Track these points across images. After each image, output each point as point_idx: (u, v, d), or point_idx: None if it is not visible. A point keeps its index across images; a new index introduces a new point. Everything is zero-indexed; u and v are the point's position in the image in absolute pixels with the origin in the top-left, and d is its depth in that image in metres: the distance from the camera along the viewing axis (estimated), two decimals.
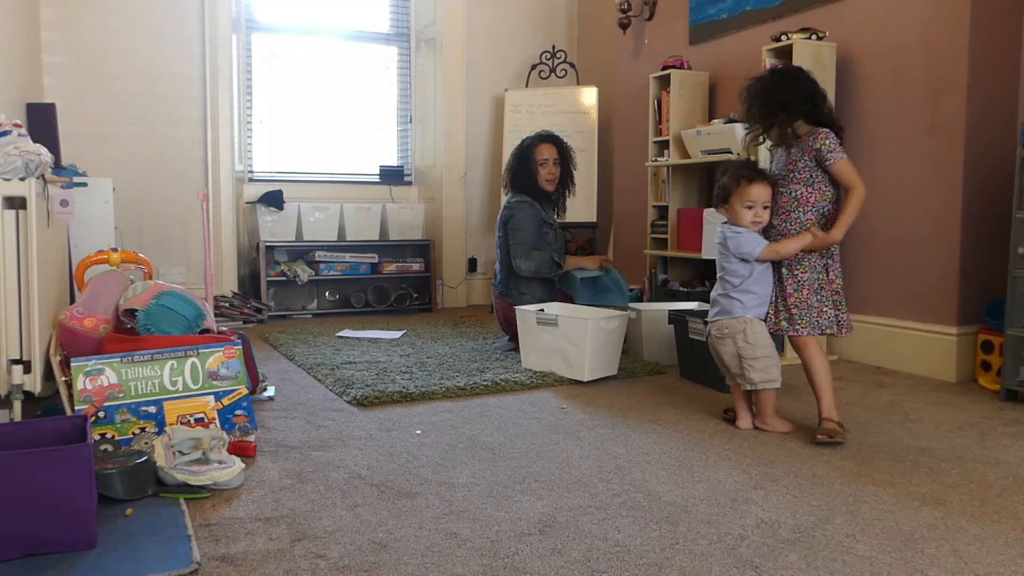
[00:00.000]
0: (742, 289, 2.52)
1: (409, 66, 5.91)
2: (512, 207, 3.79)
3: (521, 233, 3.72)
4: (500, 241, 3.83)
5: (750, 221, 2.50)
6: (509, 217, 3.77)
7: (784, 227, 2.53)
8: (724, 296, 2.57)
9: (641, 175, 4.96)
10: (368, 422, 2.61)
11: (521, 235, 3.72)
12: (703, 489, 2.00)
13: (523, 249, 3.71)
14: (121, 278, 2.65)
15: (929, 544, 1.69)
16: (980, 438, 2.48)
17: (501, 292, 3.83)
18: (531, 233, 3.73)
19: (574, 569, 1.56)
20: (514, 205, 3.79)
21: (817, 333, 2.50)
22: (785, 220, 2.53)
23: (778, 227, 2.54)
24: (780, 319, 2.53)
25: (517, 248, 3.71)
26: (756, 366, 2.50)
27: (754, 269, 2.51)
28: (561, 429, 2.54)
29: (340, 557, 1.61)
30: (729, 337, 2.53)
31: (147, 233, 4.89)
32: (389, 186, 5.82)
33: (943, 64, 3.32)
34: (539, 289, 3.74)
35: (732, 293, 2.54)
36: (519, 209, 3.77)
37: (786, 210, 2.53)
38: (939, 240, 3.35)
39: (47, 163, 2.34)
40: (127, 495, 1.87)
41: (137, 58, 4.84)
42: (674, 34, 4.88)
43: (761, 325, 2.53)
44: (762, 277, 2.53)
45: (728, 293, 2.56)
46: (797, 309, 2.50)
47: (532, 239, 3.73)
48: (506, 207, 3.82)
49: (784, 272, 2.52)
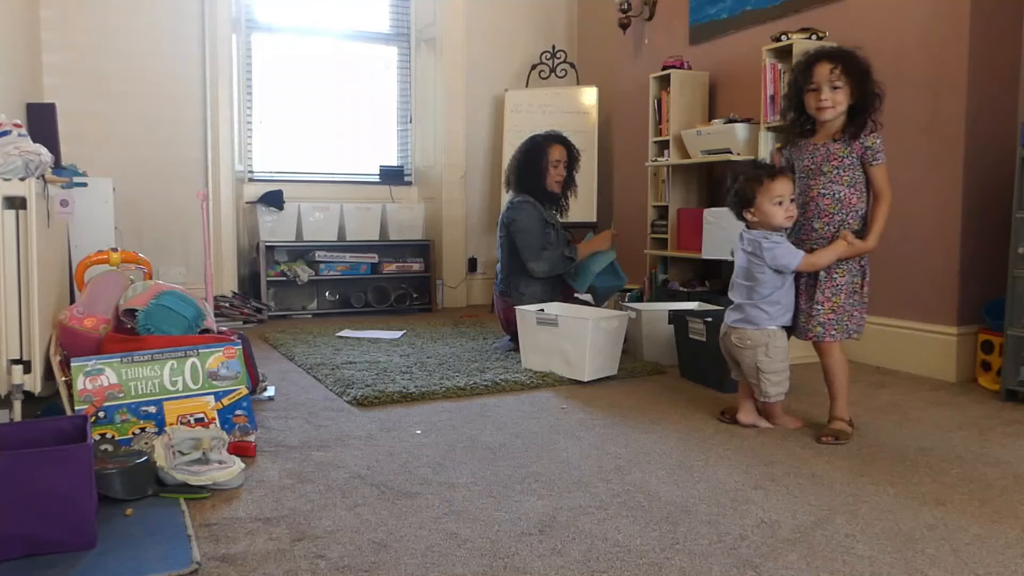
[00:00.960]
0: (771, 300, 2.47)
1: (409, 66, 5.92)
2: (515, 208, 3.75)
3: (528, 235, 3.69)
4: (502, 241, 3.81)
5: (784, 217, 2.44)
6: (512, 219, 3.73)
7: (827, 231, 2.46)
8: (751, 305, 2.50)
9: (641, 175, 4.96)
10: (368, 422, 2.61)
11: (528, 237, 3.69)
12: (703, 489, 2.00)
13: (534, 251, 3.68)
14: (121, 278, 2.65)
15: (929, 544, 1.69)
16: (980, 438, 2.48)
17: (502, 291, 3.83)
18: (537, 234, 3.71)
19: (574, 569, 1.56)
20: (517, 206, 3.75)
21: (845, 338, 2.48)
22: (828, 223, 2.46)
23: (820, 231, 2.47)
24: (814, 325, 2.47)
25: (528, 252, 3.68)
26: (773, 380, 2.48)
27: (786, 280, 2.48)
28: (561, 429, 2.54)
29: (340, 557, 1.61)
30: (751, 349, 2.50)
31: (147, 233, 4.89)
32: (389, 186, 5.83)
33: (943, 64, 3.31)
34: (539, 289, 3.73)
35: (761, 304, 2.48)
36: (522, 210, 3.74)
37: (829, 213, 2.45)
38: (939, 240, 3.35)
39: (47, 163, 2.34)
40: (127, 495, 1.87)
41: (137, 58, 4.84)
42: (674, 34, 4.88)
43: (783, 337, 2.51)
44: (791, 287, 2.51)
45: (757, 303, 2.49)
46: (834, 315, 2.45)
47: (539, 239, 3.71)
48: (509, 208, 3.78)
49: (822, 276, 2.46)
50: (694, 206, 4.52)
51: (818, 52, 2.48)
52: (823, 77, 2.42)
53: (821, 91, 2.42)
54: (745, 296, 2.53)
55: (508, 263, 3.79)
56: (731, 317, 2.58)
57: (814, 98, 2.45)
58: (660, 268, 4.60)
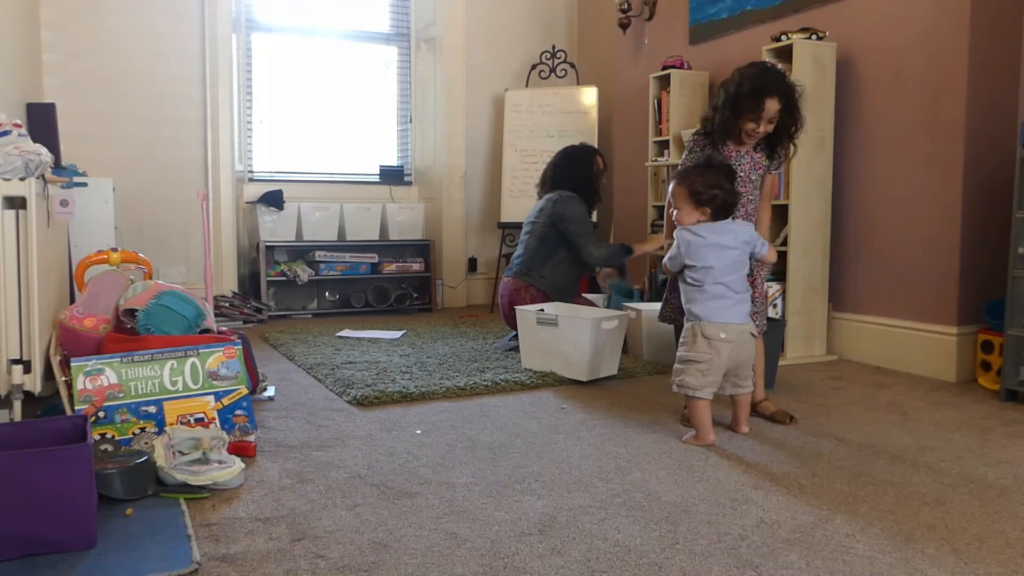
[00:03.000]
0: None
1: (409, 66, 5.91)
2: (564, 201, 3.77)
3: (582, 224, 3.74)
4: (535, 227, 3.83)
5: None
6: (563, 211, 3.75)
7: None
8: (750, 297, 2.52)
9: (641, 175, 4.96)
10: (368, 422, 2.61)
11: (584, 225, 3.74)
12: (703, 489, 2.00)
13: (592, 238, 3.73)
14: (121, 278, 2.65)
15: (929, 544, 1.69)
16: (980, 438, 2.48)
17: (518, 273, 3.81)
18: (589, 224, 3.78)
19: (574, 569, 1.56)
20: (566, 200, 3.78)
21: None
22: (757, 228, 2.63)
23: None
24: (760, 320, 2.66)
25: (586, 238, 3.72)
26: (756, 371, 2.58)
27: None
28: (561, 429, 2.54)
29: (340, 557, 1.61)
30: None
31: (147, 233, 4.89)
32: (389, 186, 5.83)
33: (943, 64, 3.31)
34: (560, 279, 3.77)
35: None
36: (573, 203, 3.77)
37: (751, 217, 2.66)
38: (939, 240, 3.35)
39: (47, 163, 2.34)
40: (127, 495, 1.87)
41: (137, 58, 4.84)
42: (674, 34, 4.88)
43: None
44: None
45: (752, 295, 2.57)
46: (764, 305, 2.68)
47: (591, 229, 3.78)
48: (559, 200, 3.78)
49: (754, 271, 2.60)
50: None
51: (767, 86, 2.51)
52: (771, 114, 2.53)
53: (760, 124, 2.53)
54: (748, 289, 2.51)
55: (536, 247, 3.79)
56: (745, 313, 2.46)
57: (751, 127, 2.55)
58: (660, 268, 4.60)
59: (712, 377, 2.39)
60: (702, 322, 2.39)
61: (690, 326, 2.43)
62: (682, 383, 2.42)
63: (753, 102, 2.50)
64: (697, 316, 2.41)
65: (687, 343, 2.43)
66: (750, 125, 2.54)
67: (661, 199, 4.63)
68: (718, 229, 2.43)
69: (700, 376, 2.38)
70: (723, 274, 2.40)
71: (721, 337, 2.37)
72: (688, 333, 2.44)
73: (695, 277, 2.42)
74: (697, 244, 2.41)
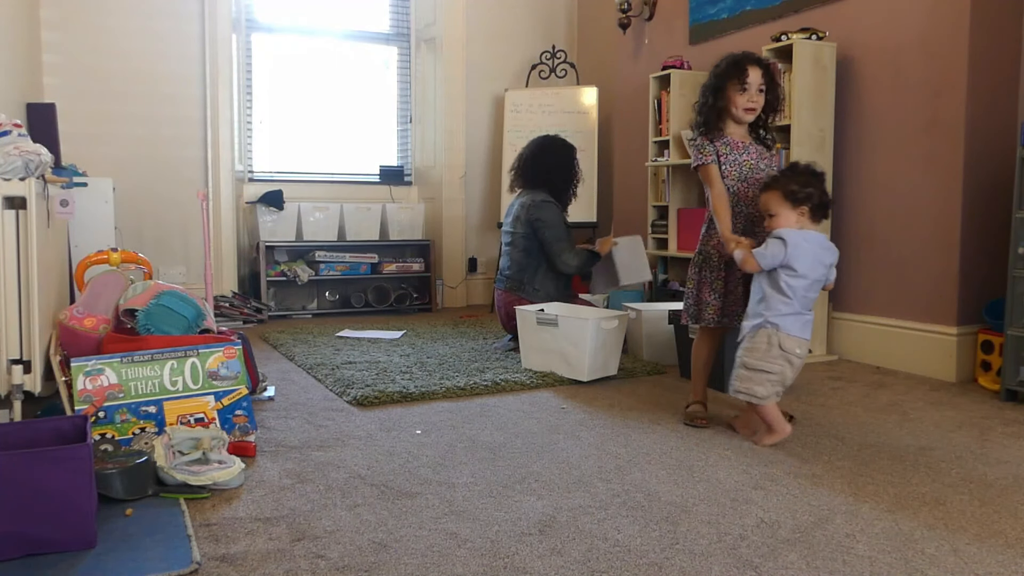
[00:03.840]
0: None
1: (409, 66, 5.92)
2: (540, 207, 3.74)
3: (558, 231, 3.71)
4: (516, 238, 3.79)
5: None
6: (539, 217, 3.71)
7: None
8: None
9: (641, 175, 4.96)
10: (368, 422, 2.61)
11: (559, 232, 3.71)
12: (703, 489, 2.00)
13: (568, 245, 3.71)
14: (121, 278, 2.65)
15: (929, 544, 1.69)
16: (980, 438, 2.48)
17: (510, 287, 3.79)
18: (565, 231, 3.75)
19: (574, 569, 1.56)
20: (542, 205, 3.74)
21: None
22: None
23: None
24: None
25: (560, 245, 3.69)
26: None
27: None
28: (561, 429, 2.54)
29: (340, 557, 1.61)
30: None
31: (147, 233, 4.89)
32: (389, 186, 5.83)
33: (943, 64, 3.32)
34: (553, 287, 3.75)
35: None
36: (549, 209, 3.74)
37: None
38: (939, 240, 3.35)
39: (47, 163, 2.34)
40: (127, 495, 1.87)
41: (137, 58, 4.84)
42: (674, 34, 4.88)
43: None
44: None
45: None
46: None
47: (568, 236, 3.75)
48: (533, 206, 3.74)
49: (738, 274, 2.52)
50: (694, 206, 4.52)
51: (746, 55, 2.55)
52: (757, 81, 2.51)
53: (750, 94, 2.52)
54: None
55: (523, 260, 3.76)
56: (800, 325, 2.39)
57: (744, 98, 2.52)
58: (660, 268, 4.60)
59: (779, 388, 2.37)
60: (781, 332, 2.32)
61: (766, 334, 2.34)
62: (750, 392, 2.35)
63: (736, 71, 2.52)
64: (777, 325, 2.33)
65: (759, 350, 2.35)
66: (741, 98, 2.52)
67: (661, 199, 4.63)
68: (825, 244, 2.39)
69: (769, 387, 2.34)
70: (811, 289, 2.36)
71: (797, 352, 2.33)
72: (762, 341, 2.34)
73: (790, 284, 2.32)
74: (805, 249, 2.32)
